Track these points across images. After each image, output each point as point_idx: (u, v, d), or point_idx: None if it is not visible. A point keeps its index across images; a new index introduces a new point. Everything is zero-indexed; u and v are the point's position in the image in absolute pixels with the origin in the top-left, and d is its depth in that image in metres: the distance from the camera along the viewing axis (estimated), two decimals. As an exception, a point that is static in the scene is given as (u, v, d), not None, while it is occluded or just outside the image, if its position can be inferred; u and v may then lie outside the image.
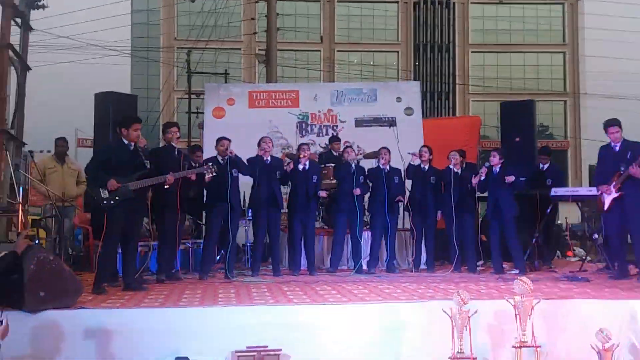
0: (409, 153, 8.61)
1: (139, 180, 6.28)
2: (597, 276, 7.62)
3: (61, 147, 8.70)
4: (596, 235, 8.43)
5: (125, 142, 6.35)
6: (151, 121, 23.30)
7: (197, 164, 7.50)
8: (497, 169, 8.00)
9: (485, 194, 8.36)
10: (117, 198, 6.12)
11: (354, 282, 7.01)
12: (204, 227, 8.24)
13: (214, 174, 7.16)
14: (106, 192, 6.11)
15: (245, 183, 8.04)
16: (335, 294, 5.99)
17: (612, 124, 7.28)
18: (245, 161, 7.70)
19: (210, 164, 7.28)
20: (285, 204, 8.34)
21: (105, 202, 6.12)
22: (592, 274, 7.80)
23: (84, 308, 5.15)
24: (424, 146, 8.68)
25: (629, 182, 7.06)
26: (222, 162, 7.50)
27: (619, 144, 7.25)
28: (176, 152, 7.23)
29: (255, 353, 4.81)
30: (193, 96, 28.00)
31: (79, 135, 27.84)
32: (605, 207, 7.24)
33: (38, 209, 8.85)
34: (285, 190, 8.41)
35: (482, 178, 7.99)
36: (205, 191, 7.68)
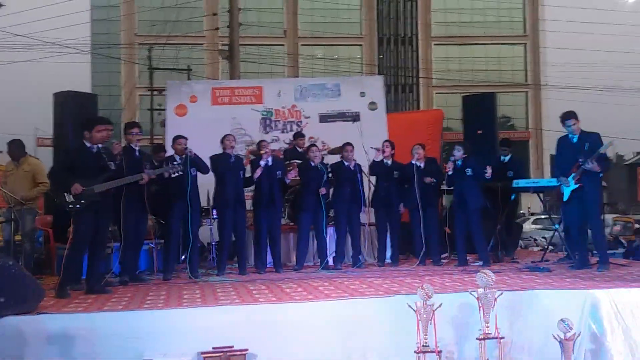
0: (371, 148, 8.63)
1: (105, 182, 6.18)
2: (559, 266, 7.75)
3: (11, 152, 8.53)
4: (557, 225, 8.58)
5: (88, 144, 6.24)
6: (113, 119, 22.93)
7: (158, 164, 7.42)
8: (460, 162, 8.09)
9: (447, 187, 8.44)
10: (82, 202, 6.02)
11: (320, 278, 7.02)
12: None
13: (180, 172, 7.10)
14: (71, 196, 6.00)
15: (210, 182, 7.97)
16: (301, 292, 6.00)
17: (568, 116, 7.36)
18: (205, 159, 7.64)
19: (175, 163, 7.23)
20: (249, 202, 8.30)
21: (70, 206, 6.01)
22: (554, 264, 7.92)
23: (46, 313, 5.06)
24: (386, 141, 8.72)
25: (587, 174, 7.17)
26: (180, 160, 7.44)
27: (576, 135, 7.36)
28: (137, 153, 7.14)
29: (221, 354, 4.79)
30: (155, 93, 27.67)
31: (39, 135, 27.35)
32: (565, 198, 7.36)
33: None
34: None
35: (450, 173, 8.07)
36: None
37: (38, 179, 8.23)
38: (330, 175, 8.36)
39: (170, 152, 7.97)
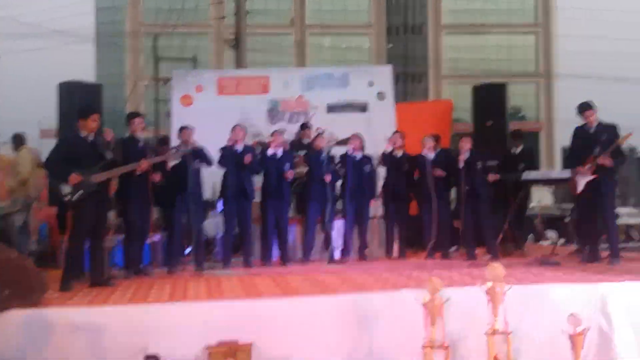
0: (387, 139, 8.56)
1: (102, 172, 6.12)
2: (569, 260, 7.68)
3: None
4: (568, 218, 8.47)
5: (84, 134, 6.17)
6: (118, 109, 22.95)
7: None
8: (467, 155, 7.99)
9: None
10: (80, 192, 5.96)
11: (326, 272, 6.97)
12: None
13: (178, 159, 7.05)
14: (68, 187, 5.95)
15: (216, 173, 7.91)
16: (307, 285, 5.97)
17: (586, 107, 7.23)
18: (211, 149, 7.57)
19: (176, 147, 7.16)
20: (257, 193, 8.24)
21: (68, 197, 5.96)
22: (564, 258, 7.85)
23: (49, 306, 5.06)
24: (396, 132, 8.63)
25: (603, 165, 7.06)
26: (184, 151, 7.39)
27: (594, 126, 7.22)
28: (141, 143, 7.09)
29: (226, 348, 4.75)
30: (161, 83, 27.60)
31: (42, 127, 27.26)
32: (579, 189, 7.22)
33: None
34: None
35: (461, 166, 7.97)
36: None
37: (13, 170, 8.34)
38: (337, 165, 8.30)
39: (175, 143, 7.91)
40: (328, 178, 8.07)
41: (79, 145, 6.15)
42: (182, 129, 7.64)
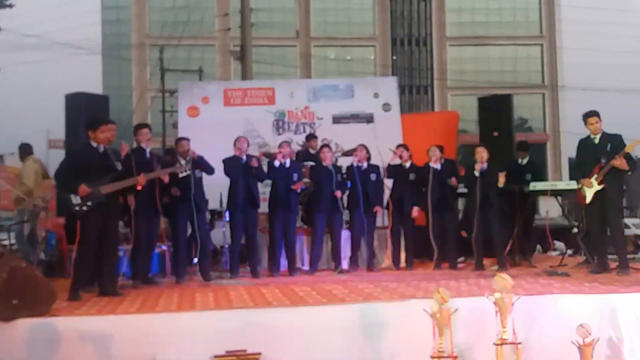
0: (390, 149, 8.54)
1: (110, 183, 6.14)
2: (577, 270, 7.64)
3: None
4: (576, 229, 8.44)
5: (94, 145, 6.18)
6: (124, 121, 23.00)
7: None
8: (485, 166, 7.97)
9: (463, 190, 8.35)
10: (89, 203, 5.98)
11: (334, 282, 6.94)
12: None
13: (187, 172, 7.05)
14: (78, 197, 5.96)
15: (223, 183, 7.93)
16: (315, 295, 5.93)
17: (591, 114, 7.27)
18: (217, 161, 7.58)
19: (183, 162, 7.18)
20: (264, 203, 8.25)
21: (77, 207, 5.98)
22: (572, 269, 7.81)
23: (58, 316, 5.05)
24: (400, 145, 8.61)
25: (610, 175, 7.06)
26: (184, 163, 7.39)
27: (598, 136, 7.23)
28: (148, 154, 7.12)
29: (234, 357, 4.75)
30: (167, 94, 27.69)
31: (50, 137, 27.43)
32: (588, 200, 7.23)
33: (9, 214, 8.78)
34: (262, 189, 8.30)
35: (478, 175, 7.96)
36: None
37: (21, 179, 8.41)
38: (344, 176, 8.30)
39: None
40: (339, 194, 8.10)
41: (89, 156, 6.16)
42: (179, 140, 7.67)
